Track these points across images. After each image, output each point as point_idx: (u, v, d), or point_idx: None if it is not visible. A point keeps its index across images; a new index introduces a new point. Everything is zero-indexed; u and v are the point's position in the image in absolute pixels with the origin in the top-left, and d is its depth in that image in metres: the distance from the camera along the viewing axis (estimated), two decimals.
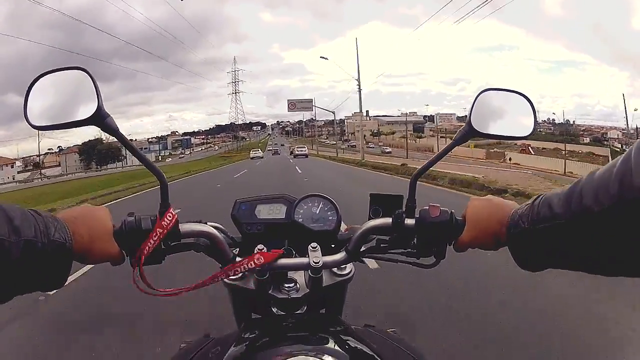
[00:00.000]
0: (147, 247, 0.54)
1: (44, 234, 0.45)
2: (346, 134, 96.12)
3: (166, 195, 0.57)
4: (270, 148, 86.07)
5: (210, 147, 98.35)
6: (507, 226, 0.52)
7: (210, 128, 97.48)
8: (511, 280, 2.77)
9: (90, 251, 0.51)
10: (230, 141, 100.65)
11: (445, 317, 2.38)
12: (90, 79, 0.53)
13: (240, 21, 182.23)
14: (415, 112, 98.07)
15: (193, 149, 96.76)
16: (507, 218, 0.53)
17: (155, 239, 0.55)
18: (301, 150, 37.32)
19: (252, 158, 40.70)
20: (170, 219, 0.56)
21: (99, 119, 0.52)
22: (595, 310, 2.45)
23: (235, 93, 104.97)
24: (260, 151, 48.28)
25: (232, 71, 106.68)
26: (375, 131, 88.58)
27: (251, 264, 0.58)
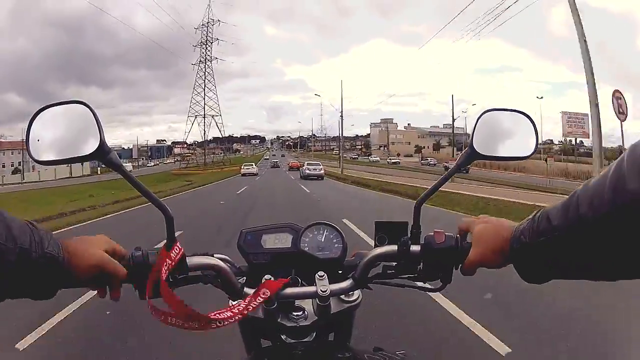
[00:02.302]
0: (154, 278, 0.56)
1: (38, 245, 0.48)
2: (375, 146, 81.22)
3: (172, 229, 0.59)
4: (267, 157, 78.95)
5: (191, 158, 71.97)
6: (510, 242, 0.55)
7: (205, 140, 77.57)
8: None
9: (80, 265, 0.52)
10: (221, 153, 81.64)
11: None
12: (91, 114, 0.54)
13: (243, 34, 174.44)
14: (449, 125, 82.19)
15: (164, 160, 78.35)
16: (510, 235, 0.55)
17: (165, 269, 0.56)
18: (314, 169, 25.63)
19: (243, 175, 32.19)
20: (177, 252, 0.58)
21: (102, 154, 0.54)
22: None
23: (205, 62, 59.40)
24: (254, 166, 37.24)
25: (203, 25, 59.87)
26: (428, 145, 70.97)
27: (258, 300, 0.60)
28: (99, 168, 50.46)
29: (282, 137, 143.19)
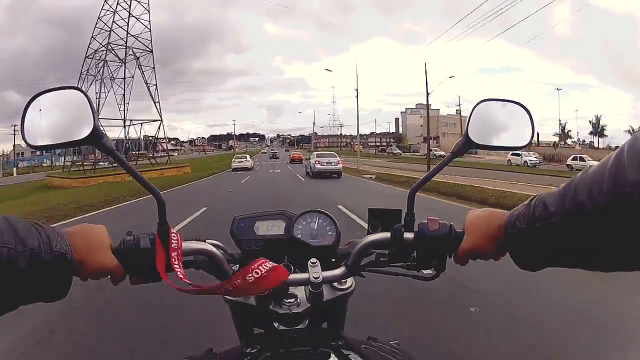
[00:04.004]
0: (162, 260, 0.57)
1: (46, 244, 0.49)
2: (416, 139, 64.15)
3: (164, 214, 0.61)
4: (265, 151, 79.62)
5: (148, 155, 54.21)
6: (505, 227, 0.55)
7: (201, 137, 76.90)
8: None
9: (89, 264, 0.54)
10: (213, 150, 78.98)
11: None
12: (86, 99, 0.57)
13: (243, 32, 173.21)
14: None
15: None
16: (505, 221, 0.56)
17: (176, 256, 0.58)
18: (327, 163, 18.96)
19: (234, 170, 26.47)
20: (175, 237, 0.60)
21: (96, 138, 0.56)
22: None
23: None
24: (248, 159, 29.19)
25: None
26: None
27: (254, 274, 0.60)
28: (14, 169, 44.64)
29: (283, 135, 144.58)
